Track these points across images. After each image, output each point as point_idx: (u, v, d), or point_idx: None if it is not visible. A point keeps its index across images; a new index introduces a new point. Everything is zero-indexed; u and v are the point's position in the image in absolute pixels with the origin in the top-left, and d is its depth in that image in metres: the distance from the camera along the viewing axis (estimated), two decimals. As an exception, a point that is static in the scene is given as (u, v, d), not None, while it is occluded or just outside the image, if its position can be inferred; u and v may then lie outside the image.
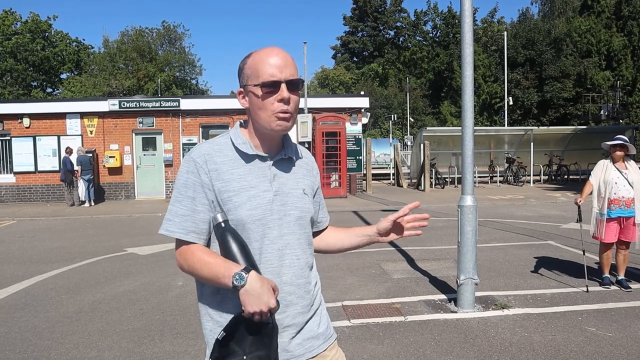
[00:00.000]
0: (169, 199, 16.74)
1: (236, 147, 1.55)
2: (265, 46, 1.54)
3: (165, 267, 7.25)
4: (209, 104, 17.71)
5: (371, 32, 51.98)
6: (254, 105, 1.53)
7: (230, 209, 1.49)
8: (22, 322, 5.04)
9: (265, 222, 1.51)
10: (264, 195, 1.52)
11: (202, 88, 47.50)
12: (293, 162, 1.64)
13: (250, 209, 1.49)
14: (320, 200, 1.76)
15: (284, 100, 1.50)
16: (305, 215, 1.60)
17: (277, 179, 1.56)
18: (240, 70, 1.57)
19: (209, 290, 1.55)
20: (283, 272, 1.53)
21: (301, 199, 1.60)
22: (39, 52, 40.46)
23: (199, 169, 1.51)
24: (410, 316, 4.94)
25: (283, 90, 1.49)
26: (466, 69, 5.07)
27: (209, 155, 1.53)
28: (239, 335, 1.39)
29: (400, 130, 43.21)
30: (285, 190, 1.57)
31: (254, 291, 1.36)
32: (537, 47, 39.55)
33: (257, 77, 1.49)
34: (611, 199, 5.63)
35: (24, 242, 9.74)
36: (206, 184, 1.50)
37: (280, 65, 1.49)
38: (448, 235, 9.26)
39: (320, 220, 1.76)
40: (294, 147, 1.66)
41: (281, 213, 1.54)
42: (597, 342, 4.21)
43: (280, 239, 1.53)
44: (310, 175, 1.69)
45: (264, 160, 1.56)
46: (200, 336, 4.53)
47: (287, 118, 1.52)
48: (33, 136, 16.66)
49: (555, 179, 20.52)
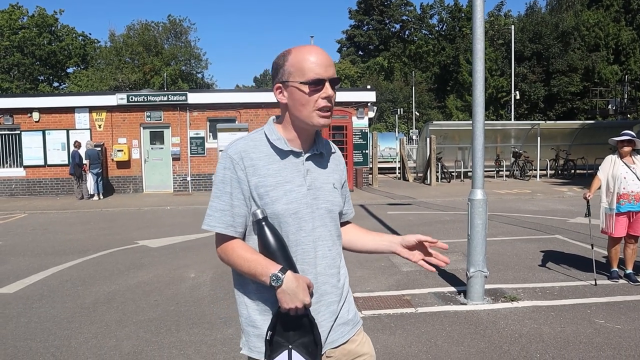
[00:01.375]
0: (176, 192, 16.96)
1: (271, 143, 1.62)
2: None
3: (177, 260, 7.36)
4: (216, 98, 17.79)
5: (377, 25, 51.88)
6: (296, 101, 1.59)
7: (267, 203, 1.57)
8: (41, 312, 5.16)
9: (300, 215, 1.58)
10: (298, 190, 1.59)
11: (208, 82, 47.53)
12: (324, 157, 1.71)
13: (287, 203, 1.57)
14: (346, 193, 1.83)
15: (328, 97, 1.58)
16: (335, 208, 1.68)
17: (309, 174, 1.64)
18: (278, 67, 1.61)
19: (246, 279, 1.62)
20: (317, 263, 1.61)
21: (331, 192, 1.67)
22: (45, 47, 40.64)
23: (235, 165, 1.58)
24: (420, 308, 5.03)
25: (328, 88, 1.57)
26: (477, 64, 5.11)
27: (245, 151, 1.60)
28: (281, 329, 1.50)
29: (405, 124, 43.20)
30: (317, 185, 1.64)
31: (290, 290, 1.46)
32: (544, 41, 39.37)
33: (303, 75, 1.56)
34: (620, 193, 5.68)
35: (36, 234, 9.88)
36: (242, 180, 1.58)
37: (325, 64, 1.57)
38: (455, 229, 9.33)
39: (345, 212, 1.83)
40: (324, 142, 1.74)
41: (314, 207, 1.61)
42: (605, 334, 4.28)
43: (313, 232, 1.61)
44: (338, 169, 1.77)
45: (298, 156, 1.64)
46: (216, 326, 4.64)
47: (328, 115, 1.60)
48: (42, 130, 16.80)
49: (561, 174, 20.51)
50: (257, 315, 1.60)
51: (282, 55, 1.62)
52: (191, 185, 17.48)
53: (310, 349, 1.50)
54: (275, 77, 1.64)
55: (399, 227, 9.52)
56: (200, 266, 6.95)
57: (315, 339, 1.50)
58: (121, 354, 4.08)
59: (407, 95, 44.01)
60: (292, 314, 1.48)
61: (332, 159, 1.76)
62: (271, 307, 1.56)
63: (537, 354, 3.92)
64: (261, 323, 1.59)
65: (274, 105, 17.61)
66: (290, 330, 1.50)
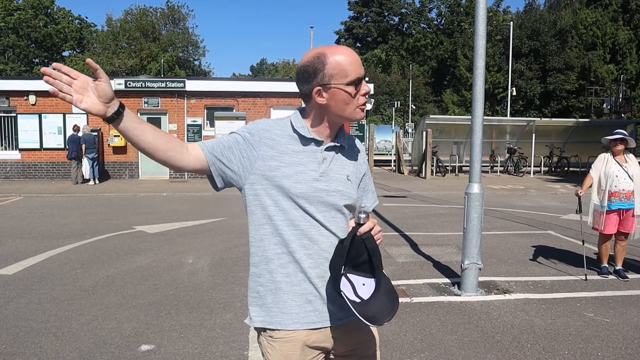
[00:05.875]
0: (172, 179, 16.98)
1: (295, 130, 1.70)
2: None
3: (175, 246, 7.43)
4: (214, 86, 17.77)
5: (376, 17, 51.75)
6: (339, 102, 1.65)
7: (275, 176, 1.64)
8: (41, 294, 5.22)
9: (307, 197, 1.65)
10: (310, 174, 1.66)
11: (205, 69, 47.34)
12: (344, 149, 1.78)
13: (295, 182, 1.64)
14: (365, 186, 1.88)
15: (366, 93, 1.68)
16: (346, 198, 1.73)
17: (325, 163, 1.70)
18: (316, 70, 1.64)
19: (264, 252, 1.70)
20: (321, 241, 1.67)
21: (344, 183, 1.73)
22: (41, 29, 40.36)
23: (253, 134, 1.67)
24: (415, 298, 5.14)
25: (365, 85, 1.67)
26: (478, 60, 5.19)
27: (270, 127, 1.69)
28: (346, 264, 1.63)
29: (401, 117, 43.26)
30: (330, 174, 1.70)
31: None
32: (542, 38, 39.49)
33: (346, 77, 1.62)
34: (612, 191, 5.80)
35: (33, 217, 9.91)
36: (250, 146, 1.65)
37: (359, 62, 1.66)
38: (450, 222, 9.45)
39: (364, 205, 1.89)
40: (346, 136, 1.81)
41: (323, 193, 1.68)
42: (594, 327, 4.41)
43: (319, 214, 1.67)
44: (357, 162, 1.83)
45: (318, 145, 1.71)
46: (215, 311, 4.73)
47: (365, 108, 1.71)
48: (39, 113, 16.74)
49: (555, 171, 20.70)
50: (258, 287, 1.70)
51: (316, 58, 1.64)
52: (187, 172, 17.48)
53: (364, 266, 1.62)
54: (309, 80, 1.66)
55: (394, 219, 9.63)
56: (198, 252, 7.03)
57: (369, 253, 1.60)
58: (122, 335, 4.16)
59: (404, 89, 44.03)
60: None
61: (352, 153, 1.82)
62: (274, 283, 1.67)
63: (529, 344, 4.04)
64: (263, 294, 1.69)
65: (272, 95, 17.70)
66: (347, 259, 1.60)
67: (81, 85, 1.48)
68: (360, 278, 1.62)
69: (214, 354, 3.84)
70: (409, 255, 6.95)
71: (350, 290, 1.59)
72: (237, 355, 3.83)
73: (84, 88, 1.48)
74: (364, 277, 1.62)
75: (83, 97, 1.47)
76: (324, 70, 1.63)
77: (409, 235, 8.17)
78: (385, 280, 1.64)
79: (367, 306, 1.56)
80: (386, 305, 1.59)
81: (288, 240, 1.65)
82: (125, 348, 3.93)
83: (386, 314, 1.58)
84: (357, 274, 1.61)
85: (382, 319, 1.56)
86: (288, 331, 1.66)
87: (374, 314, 1.55)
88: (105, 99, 1.48)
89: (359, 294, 1.59)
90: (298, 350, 1.66)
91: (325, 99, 1.65)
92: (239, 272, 6.05)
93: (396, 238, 8.01)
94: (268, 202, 1.66)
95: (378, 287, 1.61)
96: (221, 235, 8.22)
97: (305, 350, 1.67)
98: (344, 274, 1.60)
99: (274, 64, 73.47)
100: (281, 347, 1.66)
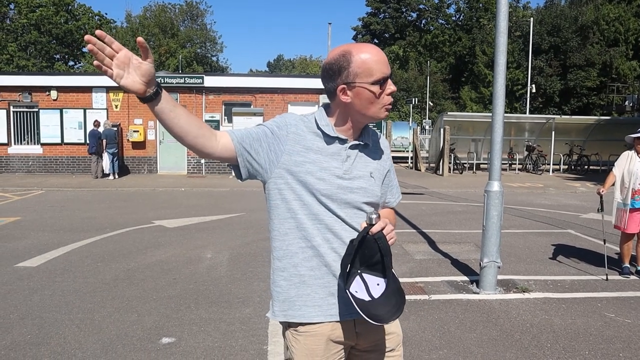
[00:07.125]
0: (190, 175, 17.14)
1: (319, 127, 1.70)
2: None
3: (193, 240, 7.51)
4: (232, 82, 17.86)
5: (393, 13, 51.41)
6: (364, 101, 1.65)
7: (300, 172, 1.65)
8: (64, 286, 5.33)
9: (329, 194, 1.66)
10: (333, 171, 1.67)
11: (223, 65, 47.58)
12: (368, 147, 1.78)
13: (318, 179, 1.65)
14: (390, 182, 1.89)
15: (392, 92, 1.67)
16: (369, 196, 1.73)
17: (348, 161, 1.71)
18: (341, 69, 1.64)
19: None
20: (344, 235, 1.68)
21: (367, 180, 1.74)
22: (62, 25, 40.83)
23: (281, 128, 1.67)
24: (434, 295, 5.13)
25: (391, 84, 1.66)
26: (499, 57, 5.14)
27: (297, 122, 1.70)
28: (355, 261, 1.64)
29: (418, 114, 43.00)
30: (353, 172, 1.71)
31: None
32: (562, 34, 38.85)
33: (371, 76, 1.62)
34: (635, 189, 5.71)
35: (54, 211, 10.09)
36: (278, 139, 1.66)
37: (385, 61, 1.65)
38: (467, 220, 9.39)
39: (388, 200, 1.91)
40: (370, 133, 1.81)
41: (347, 190, 1.69)
42: (615, 328, 4.36)
43: (340, 210, 1.68)
44: (381, 159, 1.83)
45: (342, 143, 1.71)
46: (235, 306, 4.78)
47: (390, 107, 1.71)
48: (60, 109, 17.01)
49: (575, 169, 20.40)
50: (282, 280, 1.71)
51: (342, 56, 1.64)
52: (205, 167, 17.65)
53: (377, 266, 1.62)
54: (334, 78, 1.66)
55: (412, 216, 9.60)
56: (217, 247, 7.09)
57: (381, 252, 1.60)
58: (143, 328, 4.23)
59: (422, 85, 43.71)
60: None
61: (376, 149, 1.82)
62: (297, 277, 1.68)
63: (548, 344, 4.01)
64: (286, 288, 1.70)
65: (289, 91, 17.73)
66: (359, 258, 1.61)
67: (123, 60, 1.44)
68: (375, 278, 1.63)
69: (234, 347, 3.88)
70: (427, 252, 6.93)
71: (364, 289, 1.60)
72: (256, 349, 3.87)
73: (125, 64, 1.44)
74: (377, 277, 1.64)
75: (123, 73, 1.44)
76: (348, 69, 1.62)
77: (427, 233, 8.14)
78: (395, 280, 1.65)
79: (377, 305, 1.57)
80: (393, 305, 1.60)
81: (312, 234, 1.67)
82: (147, 340, 3.99)
83: (393, 312, 1.59)
84: (372, 274, 1.63)
85: (389, 318, 1.58)
86: (313, 325, 1.68)
87: (382, 313, 1.57)
88: (147, 79, 1.46)
89: (372, 293, 1.61)
90: (322, 344, 1.68)
91: (349, 98, 1.64)
92: (257, 267, 6.09)
93: (414, 235, 7.99)
94: (291, 197, 1.67)
95: (388, 286, 1.63)
96: (239, 230, 8.28)
97: (329, 344, 1.69)
98: (359, 274, 1.61)
99: (291, 60, 73.50)
100: (306, 340, 1.68)
